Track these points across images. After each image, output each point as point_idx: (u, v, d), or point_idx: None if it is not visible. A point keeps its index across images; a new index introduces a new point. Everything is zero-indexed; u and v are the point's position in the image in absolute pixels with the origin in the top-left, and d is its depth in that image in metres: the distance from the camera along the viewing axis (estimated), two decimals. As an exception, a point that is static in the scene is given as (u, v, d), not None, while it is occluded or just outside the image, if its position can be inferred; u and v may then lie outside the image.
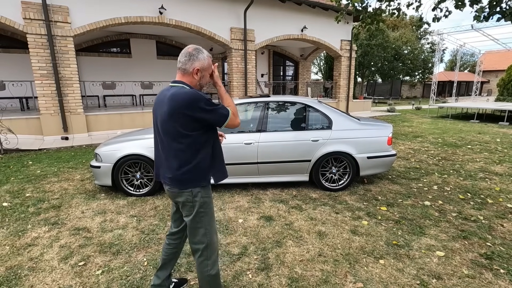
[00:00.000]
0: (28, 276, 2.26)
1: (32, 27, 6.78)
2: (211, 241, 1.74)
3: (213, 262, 1.75)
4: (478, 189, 4.07)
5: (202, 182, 1.68)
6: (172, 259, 1.99)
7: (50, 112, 7.32)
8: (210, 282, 1.75)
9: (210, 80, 1.77)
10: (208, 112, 1.58)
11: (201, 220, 1.71)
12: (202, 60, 1.66)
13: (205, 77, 1.71)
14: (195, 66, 1.64)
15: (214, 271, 1.75)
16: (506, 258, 2.45)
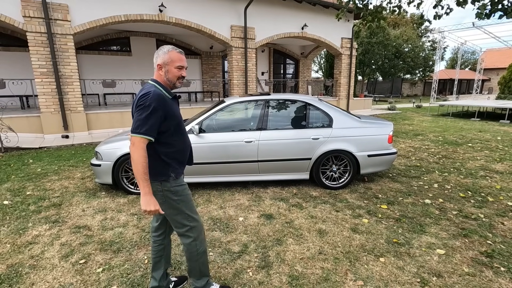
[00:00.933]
0: (29, 274, 2.26)
1: (32, 25, 6.76)
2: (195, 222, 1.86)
3: (201, 240, 1.89)
4: (478, 187, 4.07)
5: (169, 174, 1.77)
6: (161, 257, 1.99)
7: (51, 110, 7.32)
8: (198, 260, 1.88)
9: (179, 74, 1.75)
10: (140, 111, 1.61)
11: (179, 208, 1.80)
12: (162, 55, 1.72)
13: (171, 72, 1.73)
14: (157, 62, 1.73)
15: (202, 249, 1.89)
16: (507, 256, 2.45)
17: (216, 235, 2.82)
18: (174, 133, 1.76)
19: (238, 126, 4.04)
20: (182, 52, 1.80)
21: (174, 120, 1.73)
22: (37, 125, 7.36)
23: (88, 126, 7.92)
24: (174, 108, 1.76)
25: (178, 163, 1.81)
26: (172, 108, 1.73)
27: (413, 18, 31.78)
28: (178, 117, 1.79)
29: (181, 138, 1.82)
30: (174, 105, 1.78)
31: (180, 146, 1.82)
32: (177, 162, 1.81)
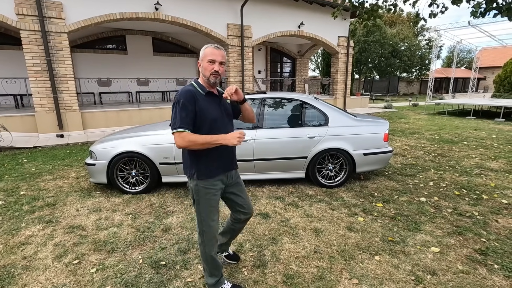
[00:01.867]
0: (21, 274, 2.24)
1: (26, 23, 6.69)
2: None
3: (210, 246, 1.90)
4: (473, 185, 4.09)
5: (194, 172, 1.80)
6: (228, 232, 2.20)
7: (45, 109, 7.25)
8: (206, 261, 1.94)
9: (212, 68, 1.72)
10: (174, 110, 1.72)
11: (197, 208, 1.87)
12: (200, 53, 1.77)
13: (204, 67, 1.74)
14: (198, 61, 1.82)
15: (209, 253, 1.91)
16: (500, 253, 2.47)
17: (212, 234, 2.81)
18: (205, 131, 1.73)
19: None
20: (220, 48, 1.76)
21: (205, 117, 1.73)
22: (32, 124, 7.29)
23: (83, 125, 7.87)
24: (205, 105, 1.74)
25: (204, 163, 1.79)
26: (203, 105, 1.73)
27: (409, 16, 31.88)
28: (210, 114, 1.75)
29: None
30: (207, 102, 1.76)
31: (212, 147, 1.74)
32: (203, 162, 1.78)
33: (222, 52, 1.76)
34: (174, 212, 3.28)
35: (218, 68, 1.73)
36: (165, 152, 3.71)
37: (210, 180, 1.81)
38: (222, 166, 1.86)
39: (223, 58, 1.76)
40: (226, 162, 1.88)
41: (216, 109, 1.80)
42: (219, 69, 1.74)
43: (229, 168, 1.91)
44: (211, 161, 1.81)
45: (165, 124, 4.30)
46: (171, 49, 12.51)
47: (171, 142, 3.72)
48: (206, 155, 1.79)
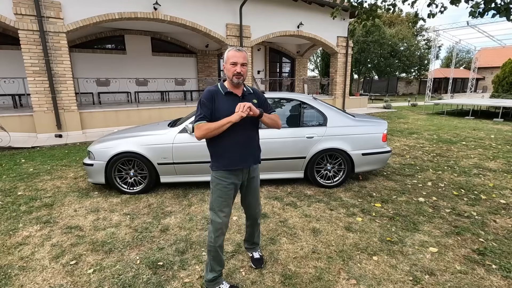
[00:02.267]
0: (18, 275, 2.23)
1: (24, 22, 6.67)
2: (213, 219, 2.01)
3: (215, 238, 1.99)
4: (472, 185, 4.10)
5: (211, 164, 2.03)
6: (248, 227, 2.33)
7: (43, 109, 7.23)
8: (210, 252, 2.01)
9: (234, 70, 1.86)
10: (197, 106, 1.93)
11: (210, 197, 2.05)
12: (224, 56, 1.93)
13: (227, 68, 1.90)
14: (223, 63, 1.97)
15: (215, 245, 1.99)
16: (498, 253, 2.47)
17: (210, 234, 2.80)
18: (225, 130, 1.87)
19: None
20: (241, 50, 1.89)
21: (220, 114, 1.87)
22: (30, 124, 7.26)
23: (82, 125, 7.85)
24: (222, 103, 1.90)
25: (218, 156, 1.97)
26: (220, 103, 1.90)
27: (408, 17, 31.92)
28: (224, 112, 1.86)
29: (225, 134, 1.88)
30: (225, 101, 1.91)
31: (223, 142, 1.92)
32: (218, 155, 1.97)
33: (243, 53, 1.89)
34: (172, 213, 3.28)
35: (240, 70, 1.86)
36: (164, 152, 3.70)
37: (220, 171, 1.97)
38: (232, 161, 1.96)
39: (244, 60, 1.88)
40: (234, 158, 1.96)
41: (232, 107, 1.86)
42: (241, 70, 1.87)
43: (239, 164, 1.98)
44: (222, 155, 1.96)
45: (163, 124, 4.29)
46: (170, 49, 12.49)
47: (170, 142, 3.71)
48: (218, 149, 1.97)
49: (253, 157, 2.05)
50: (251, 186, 2.12)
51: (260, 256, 2.38)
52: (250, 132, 2.01)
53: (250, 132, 2.00)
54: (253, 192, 2.14)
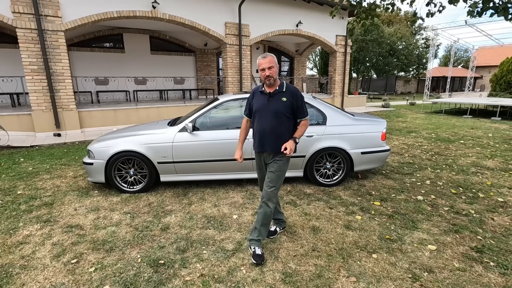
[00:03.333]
0: (19, 274, 2.23)
1: (22, 21, 6.64)
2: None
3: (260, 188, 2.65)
4: (470, 183, 4.13)
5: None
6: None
7: (42, 108, 7.21)
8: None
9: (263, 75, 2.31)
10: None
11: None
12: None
13: (260, 75, 2.35)
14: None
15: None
16: (496, 251, 2.50)
17: (210, 233, 2.82)
18: (254, 118, 2.50)
19: (232, 123, 4.03)
20: (265, 56, 2.31)
21: (253, 107, 2.49)
22: (28, 123, 7.24)
23: (80, 124, 7.83)
24: (256, 99, 2.46)
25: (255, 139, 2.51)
26: (255, 99, 2.48)
27: (407, 15, 31.96)
28: (256, 106, 2.44)
29: (255, 123, 2.47)
30: (258, 97, 2.45)
31: (255, 128, 2.50)
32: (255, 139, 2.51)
33: (267, 59, 2.29)
34: (173, 211, 3.29)
35: (268, 73, 2.29)
36: (164, 151, 3.71)
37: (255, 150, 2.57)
38: (255, 145, 2.52)
39: (270, 63, 2.28)
40: (256, 143, 2.50)
41: (261, 103, 2.40)
42: (269, 73, 2.29)
43: (257, 148, 2.51)
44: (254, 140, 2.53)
45: (163, 123, 4.29)
46: (168, 47, 12.46)
47: (169, 141, 3.72)
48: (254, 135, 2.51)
49: (270, 144, 2.40)
50: (269, 169, 2.46)
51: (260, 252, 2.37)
52: (271, 124, 2.38)
53: (271, 124, 2.38)
54: (269, 174, 2.45)
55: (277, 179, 2.41)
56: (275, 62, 2.30)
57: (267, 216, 2.41)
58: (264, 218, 2.41)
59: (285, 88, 2.38)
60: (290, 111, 2.38)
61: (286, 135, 2.39)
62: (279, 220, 2.79)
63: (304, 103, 2.41)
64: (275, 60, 2.34)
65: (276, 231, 2.77)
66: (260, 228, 2.43)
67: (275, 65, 2.30)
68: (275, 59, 2.34)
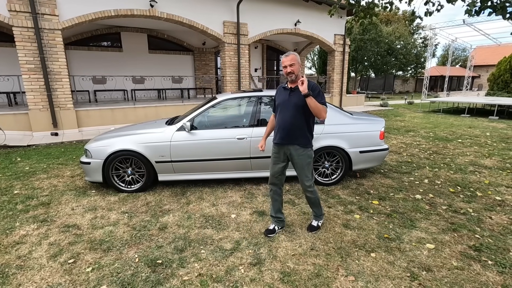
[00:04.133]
0: (16, 274, 2.21)
1: (18, 19, 6.59)
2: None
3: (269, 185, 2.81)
4: (468, 182, 4.14)
5: None
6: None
7: (39, 107, 7.16)
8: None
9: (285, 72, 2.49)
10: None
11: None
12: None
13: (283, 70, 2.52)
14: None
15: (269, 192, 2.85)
16: (494, 249, 2.50)
17: (208, 232, 2.81)
18: (276, 113, 2.67)
19: (230, 122, 4.02)
20: (289, 54, 2.46)
21: (276, 101, 2.68)
22: (25, 123, 7.20)
23: (78, 124, 7.79)
24: (279, 94, 2.66)
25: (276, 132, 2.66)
26: (278, 94, 2.67)
27: (405, 15, 32.00)
28: (278, 101, 2.63)
29: (278, 116, 2.64)
30: (281, 92, 2.63)
31: (277, 122, 2.65)
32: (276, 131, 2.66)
33: (290, 57, 2.45)
34: (171, 211, 3.27)
35: (290, 69, 2.45)
36: (161, 150, 3.69)
37: (273, 143, 2.69)
38: (275, 137, 2.66)
39: (292, 61, 2.44)
40: (276, 135, 2.65)
41: (283, 98, 2.58)
42: (291, 70, 2.45)
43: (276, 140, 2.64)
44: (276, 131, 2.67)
45: (161, 122, 4.28)
46: (166, 46, 12.41)
47: (167, 141, 3.70)
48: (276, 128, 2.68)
49: (289, 138, 2.57)
50: (293, 162, 2.64)
51: (315, 224, 2.84)
52: (292, 118, 2.52)
53: (291, 118, 2.53)
54: (296, 167, 2.65)
55: (306, 170, 2.63)
56: (296, 60, 2.46)
57: (312, 201, 2.77)
58: (312, 203, 2.80)
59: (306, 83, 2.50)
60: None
61: (304, 128, 2.56)
62: (279, 219, 2.82)
63: (322, 97, 2.50)
64: (297, 58, 2.49)
65: (275, 229, 2.80)
66: (313, 209, 2.85)
67: (297, 62, 2.46)
68: (298, 58, 2.50)
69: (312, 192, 2.69)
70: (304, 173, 2.63)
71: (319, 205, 2.81)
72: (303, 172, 2.63)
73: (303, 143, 2.56)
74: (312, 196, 2.71)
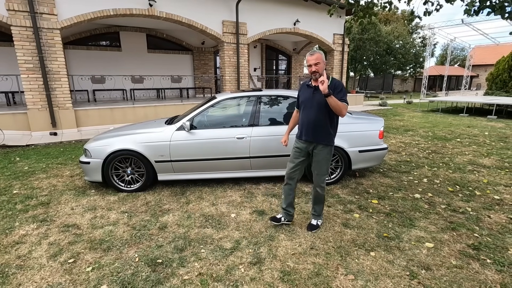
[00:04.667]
0: (16, 274, 2.21)
1: (17, 19, 6.57)
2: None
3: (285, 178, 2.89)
4: (466, 181, 4.15)
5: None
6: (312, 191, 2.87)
7: (38, 107, 7.14)
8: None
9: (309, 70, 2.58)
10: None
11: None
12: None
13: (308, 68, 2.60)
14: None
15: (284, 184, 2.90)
16: (493, 248, 2.51)
17: (208, 232, 2.81)
18: (300, 110, 2.79)
19: (229, 122, 4.02)
20: (312, 53, 2.54)
21: (299, 98, 2.81)
22: (24, 122, 7.18)
23: (77, 123, 7.78)
24: (302, 92, 2.76)
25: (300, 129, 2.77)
26: (301, 92, 2.78)
27: (404, 14, 32.04)
28: (302, 99, 2.74)
29: (301, 114, 2.75)
30: (305, 90, 2.73)
31: (300, 119, 2.77)
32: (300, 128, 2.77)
33: (315, 56, 2.52)
34: (170, 210, 3.27)
35: (314, 68, 2.53)
36: (161, 150, 3.69)
37: (296, 138, 2.81)
38: (299, 133, 2.77)
39: (317, 60, 2.50)
40: (300, 131, 2.76)
41: (307, 96, 2.68)
42: (315, 69, 2.52)
43: (301, 137, 2.74)
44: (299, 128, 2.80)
45: (160, 122, 4.27)
46: (165, 46, 12.40)
47: (167, 140, 3.70)
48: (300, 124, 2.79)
49: (313, 135, 2.65)
50: (314, 159, 2.73)
51: (315, 223, 2.86)
52: (315, 115, 2.61)
53: (315, 115, 2.61)
54: (314, 163, 2.73)
55: (324, 167, 2.72)
56: (321, 59, 2.53)
57: (319, 198, 2.82)
58: (316, 200, 2.84)
59: (329, 82, 2.55)
60: None
61: (327, 126, 2.63)
62: (288, 212, 2.90)
63: (344, 94, 2.59)
64: (322, 57, 2.56)
65: (280, 219, 2.90)
66: (314, 206, 2.88)
67: (322, 62, 2.53)
68: (323, 57, 2.57)
69: (322, 188, 2.77)
70: (321, 169, 2.71)
71: (322, 204, 2.87)
72: (320, 168, 2.71)
73: (326, 141, 2.65)
74: (321, 193, 2.78)
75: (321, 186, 2.75)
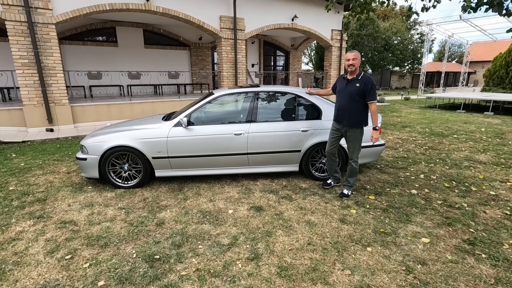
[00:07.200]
0: (12, 270, 2.21)
1: (11, 13, 6.47)
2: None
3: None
4: (463, 177, 4.18)
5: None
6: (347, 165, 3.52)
7: (33, 103, 7.07)
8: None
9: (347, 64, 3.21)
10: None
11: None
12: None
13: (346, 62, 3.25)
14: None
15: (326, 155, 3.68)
16: (488, 243, 2.54)
17: (206, 228, 2.81)
18: (336, 97, 3.43)
19: (227, 118, 4.01)
20: (353, 51, 3.17)
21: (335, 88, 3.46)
22: (20, 118, 7.11)
23: (73, 119, 7.72)
24: (339, 83, 3.42)
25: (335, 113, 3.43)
26: (338, 83, 3.43)
27: (402, 10, 31.95)
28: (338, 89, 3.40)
29: (336, 100, 3.41)
30: (340, 81, 3.38)
31: (336, 105, 3.43)
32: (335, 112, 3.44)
33: (353, 53, 3.15)
34: (168, 206, 3.27)
35: (352, 62, 3.14)
36: (158, 146, 3.68)
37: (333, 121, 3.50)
38: (335, 116, 3.44)
39: (355, 56, 3.14)
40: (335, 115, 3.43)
41: (341, 87, 3.33)
42: (352, 62, 3.14)
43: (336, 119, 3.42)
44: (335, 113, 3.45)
45: (157, 118, 4.25)
46: (162, 41, 12.28)
47: (164, 136, 3.69)
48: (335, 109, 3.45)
49: (346, 119, 3.27)
50: (348, 139, 3.37)
51: (347, 193, 3.44)
52: (347, 103, 3.23)
53: (347, 103, 3.23)
54: (349, 143, 3.38)
55: (356, 145, 3.34)
56: (358, 57, 3.15)
57: (353, 171, 3.42)
58: (350, 172, 3.44)
59: (361, 77, 3.15)
60: (361, 94, 3.14)
61: (357, 113, 3.21)
62: (335, 177, 3.69)
63: (374, 90, 3.10)
64: (359, 56, 3.18)
65: (331, 183, 3.72)
66: (348, 179, 3.46)
67: (358, 59, 3.14)
68: (359, 55, 3.19)
69: (356, 162, 3.38)
70: (354, 147, 3.33)
71: (355, 177, 3.45)
72: (353, 146, 3.33)
73: (356, 124, 3.24)
74: (355, 166, 3.39)
75: (355, 160, 3.36)
